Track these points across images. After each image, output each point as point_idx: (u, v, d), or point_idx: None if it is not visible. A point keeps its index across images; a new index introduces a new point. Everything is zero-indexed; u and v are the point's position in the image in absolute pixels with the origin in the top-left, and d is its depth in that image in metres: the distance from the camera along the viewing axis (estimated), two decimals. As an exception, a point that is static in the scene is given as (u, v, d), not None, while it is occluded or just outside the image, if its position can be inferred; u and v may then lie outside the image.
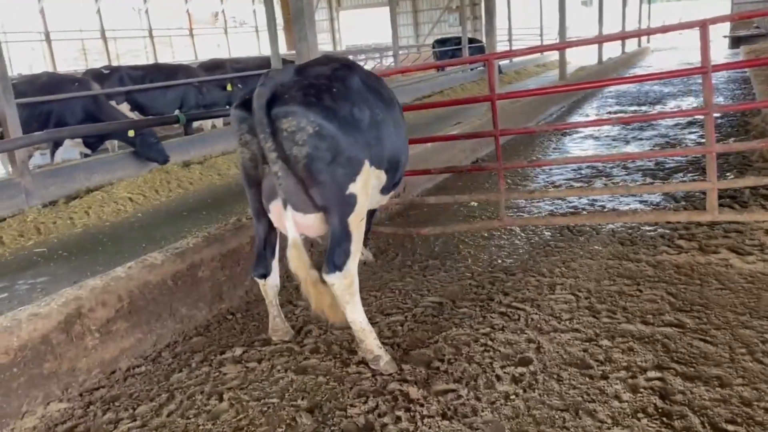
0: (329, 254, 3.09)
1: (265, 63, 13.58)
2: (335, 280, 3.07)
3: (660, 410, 2.68)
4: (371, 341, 3.22)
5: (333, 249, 3.09)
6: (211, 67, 13.68)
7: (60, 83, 9.12)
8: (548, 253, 4.62)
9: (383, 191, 3.62)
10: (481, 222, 5.27)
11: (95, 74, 10.99)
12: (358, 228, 3.17)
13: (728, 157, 6.60)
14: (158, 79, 11.24)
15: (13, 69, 21.74)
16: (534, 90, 7.05)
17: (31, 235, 6.40)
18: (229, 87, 11.91)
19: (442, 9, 31.91)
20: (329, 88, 3.05)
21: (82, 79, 9.88)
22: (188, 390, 3.19)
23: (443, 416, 2.77)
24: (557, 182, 6.63)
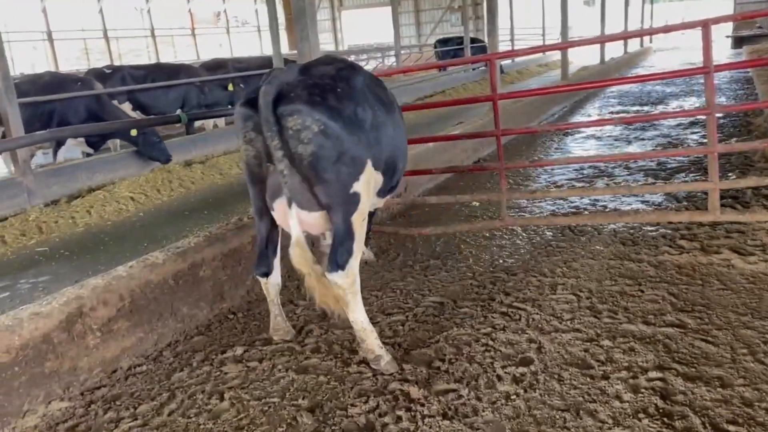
0: (332, 253, 3.10)
1: (267, 63, 13.61)
2: (338, 278, 3.07)
3: (661, 411, 2.68)
4: (372, 341, 3.22)
5: (336, 248, 3.09)
6: (213, 66, 13.68)
7: (62, 83, 9.13)
8: (550, 253, 4.61)
9: (379, 194, 3.61)
10: (483, 222, 5.27)
11: (97, 74, 10.99)
12: (361, 227, 3.18)
13: (730, 157, 6.60)
14: (160, 79, 11.25)
15: (15, 68, 21.79)
16: (536, 90, 7.07)
17: (33, 234, 6.41)
18: (230, 87, 11.91)
19: (444, 9, 31.94)
20: (334, 88, 3.07)
21: (85, 78, 9.88)
22: (189, 389, 3.19)
23: (444, 416, 2.77)
24: (559, 182, 6.62)
